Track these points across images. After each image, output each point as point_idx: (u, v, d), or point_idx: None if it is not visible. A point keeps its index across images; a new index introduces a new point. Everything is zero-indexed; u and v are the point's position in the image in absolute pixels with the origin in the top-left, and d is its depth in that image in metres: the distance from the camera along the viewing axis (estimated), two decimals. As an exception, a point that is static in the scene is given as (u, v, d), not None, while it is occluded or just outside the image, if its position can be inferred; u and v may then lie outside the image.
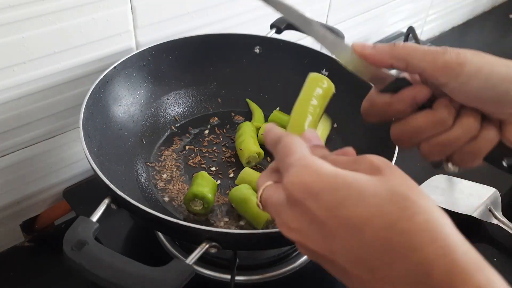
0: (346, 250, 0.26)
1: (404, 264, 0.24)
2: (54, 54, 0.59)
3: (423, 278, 0.24)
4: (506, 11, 1.44)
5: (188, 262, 0.41)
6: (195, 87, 0.75)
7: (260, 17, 0.82)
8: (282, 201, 0.30)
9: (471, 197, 0.71)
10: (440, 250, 0.24)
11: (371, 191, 0.26)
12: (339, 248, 0.27)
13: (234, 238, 0.46)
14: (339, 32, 0.74)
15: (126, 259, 0.39)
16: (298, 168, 0.29)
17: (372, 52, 0.38)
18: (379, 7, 1.07)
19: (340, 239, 0.26)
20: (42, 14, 0.55)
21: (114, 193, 0.46)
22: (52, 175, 0.70)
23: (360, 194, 0.26)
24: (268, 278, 0.60)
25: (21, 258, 0.69)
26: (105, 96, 0.62)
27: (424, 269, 0.24)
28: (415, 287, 0.24)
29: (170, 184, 0.64)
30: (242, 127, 0.71)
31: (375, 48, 0.38)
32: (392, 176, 0.27)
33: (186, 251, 0.61)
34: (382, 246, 0.25)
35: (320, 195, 0.27)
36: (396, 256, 0.25)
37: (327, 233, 0.27)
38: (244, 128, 0.70)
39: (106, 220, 0.46)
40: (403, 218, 0.25)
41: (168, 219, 0.45)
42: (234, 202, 0.60)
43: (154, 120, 0.71)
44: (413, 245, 0.24)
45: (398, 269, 0.25)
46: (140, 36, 0.68)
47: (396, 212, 0.25)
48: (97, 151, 0.56)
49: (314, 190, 0.27)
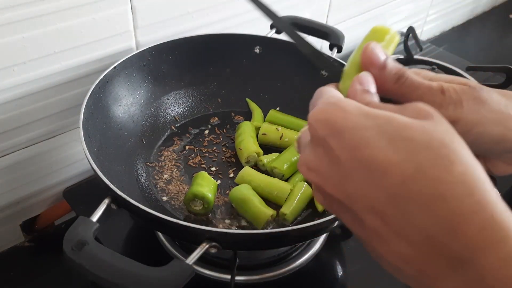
0: (362, 194, 0.24)
1: (428, 216, 0.22)
2: (54, 54, 0.59)
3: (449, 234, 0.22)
4: (506, 11, 1.44)
5: (188, 262, 0.40)
6: (195, 87, 0.75)
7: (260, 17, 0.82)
8: (307, 141, 0.28)
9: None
10: (475, 206, 0.22)
11: (406, 134, 0.24)
12: (354, 192, 0.25)
13: (234, 238, 0.46)
14: (339, 32, 0.74)
15: (126, 259, 0.39)
16: (323, 105, 0.27)
17: (376, 75, 0.33)
18: (379, 7, 1.07)
19: (358, 181, 0.24)
20: (42, 14, 0.55)
21: (114, 193, 0.46)
22: (52, 175, 0.70)
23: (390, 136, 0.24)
24: (268, 278, 0.60)
25: (21, 258, 0.69)
26: (105, 96, 0.62)
27: (452, 223, 0.22)
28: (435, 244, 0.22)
29: (170, 184, 0.64)
30: (242, 127, 0.71)
31: (382, 72, 0.32)
32: (439, 123, 0.25)
33: (186, 251, 0.61)
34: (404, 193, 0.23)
35: (343, 133, 0.25)
36: (419, 206, 0.22)
37: (345, 174, 0.25)
38: (243, 128, 0.70)
39: (106, 220, 0.46)
40: (437, 165, 0.23)
41: (168, 219, 0.45)
42: (234, 202, 0.60)
43: (154, 120, 0.71)
44: (444, 196, 0.22)
45: (418, 221, 0.22)
46: (140, 36, 0.68)
47: (431, 158, 0.23)
48: (97, 151, 0.56)
49: (336, 126, 0.25)
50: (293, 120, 0.73)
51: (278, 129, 0.71)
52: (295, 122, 0.72)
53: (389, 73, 0.32)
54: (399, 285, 0.61)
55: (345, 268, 0.63)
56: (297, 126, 0.72)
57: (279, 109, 0.75)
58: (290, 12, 0.81)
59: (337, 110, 0.26)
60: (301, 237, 0.53)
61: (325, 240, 0.65)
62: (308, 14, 0.90)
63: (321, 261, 0.63)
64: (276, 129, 0.71)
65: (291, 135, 0.70)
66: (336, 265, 0.64)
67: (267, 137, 0.71)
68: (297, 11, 0.86)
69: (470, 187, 0.22)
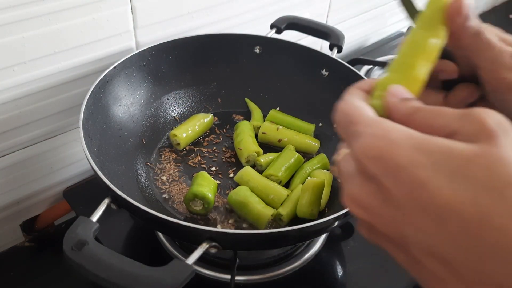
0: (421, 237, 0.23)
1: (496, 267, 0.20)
2: (54, 54, 0.59)
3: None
4: (506, 11, 1.44)
5: (188, 262, 0.40)
6: (195, 87, 0.75)
7: (260, 17, 0.82)
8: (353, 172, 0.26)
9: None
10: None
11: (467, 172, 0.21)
12: (412, 234, 0.23)
13: (234, 238, 0.46)
14: (339, 32, 0.74)
15: (126, 259, 0.39)
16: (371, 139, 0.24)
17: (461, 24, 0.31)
18: (379, 7, 1.07)
19: (416, 224, 0.22)
20: (42, 14, 0.55)
21: (114, 193, 0.46)
22: (52, 175, 0.70)
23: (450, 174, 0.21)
24: (268, 278, 0.60)
25: (21, 258, 0.69)
26: (105, 96, 0.62)
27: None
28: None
29: (170, 184, 0.64)
30: (240, 127, 0.71)
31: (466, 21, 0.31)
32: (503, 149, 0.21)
33: (186, 251, 0.61)
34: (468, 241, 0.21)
35: (398, 172, 0.23)
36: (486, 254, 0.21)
37: (401, 215, 0.23)
38: (241, 128, 0.70)
39: (106, 220, 0.46)
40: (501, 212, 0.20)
41: (168, 219, 0.44)
42: (233, 205, 0.60)
43: (154, 120, 0.71)
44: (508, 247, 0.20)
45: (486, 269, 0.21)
46: (140, 36, 0.68)
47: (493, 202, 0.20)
48: (97, 151, 0.56)
49: (391, 165, 0.23)
50: (293, 120, 0.73)
51: (278, 128, 0.71)
52: (295, 122, 0.72)
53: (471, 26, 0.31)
54: (399, 285, 0.61)
55: (345, 268, 0.63)
56: (297, 126, 0.72)
57: (279, 109, 0.75)
58: (290, 12, 0.81)
59: (388, 145, 0.23)
60: (301, 237, 0.53)
61: (325, 240, 0.65)
62: (308, 14, 0.90)
63: (321, 261, 0.63)
64: (276, 129, 0.71)
65: (291, 135, 0.70)
66: (336, 265, 0.64)
67: (267, 136, 0.71)
68: (297, 11, 0.86)
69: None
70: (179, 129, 0.69)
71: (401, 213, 0.23)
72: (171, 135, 0.69)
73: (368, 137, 0.24)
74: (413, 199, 0.22)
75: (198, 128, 0.70)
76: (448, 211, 0.21)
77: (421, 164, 0.22)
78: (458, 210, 0.21)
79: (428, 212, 0.22)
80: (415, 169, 0.22)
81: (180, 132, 0.68)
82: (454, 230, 0.21)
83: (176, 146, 0.69)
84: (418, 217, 0.22)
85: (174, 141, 0.68)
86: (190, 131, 0.69)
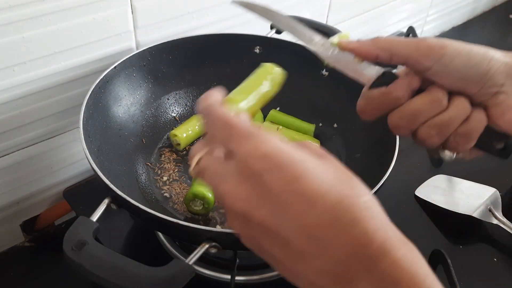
0: (295, 222, 0.28)
1: (346, 237, 0.27)
2: (54, 54, 0.59)
3: (361, 249, 0.27)
4: (506, 11, 1.44)
5: (188, 262, 0.41)
6: (195, 87, 0.75)
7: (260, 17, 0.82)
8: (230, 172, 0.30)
9: (471, 197, 0.71)
10: (377, 225, 0.28)
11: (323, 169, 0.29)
12: (288, 221, 0.28)
13: (234, 238, 0.46)
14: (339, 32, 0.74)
15: (126, 259, 0.39)
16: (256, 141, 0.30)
17: (357, 45, 0.43)
18: (379, 7, 1.07)
19: (292, 211, 0.28)
20: (42, 14, 0.55)
21: (114, 193, 0.46)
22: (52, 175, 0.70)
23: (314, 171, 0.29)
24: (268, 278, 0.60)
25: (21, 258, 0.69)
26: (105, 96, 0.62)
27: (363, 240, 0.27)
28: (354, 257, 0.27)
29: (170, 184, 0.64)
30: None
31: (359, 42, 0.43)
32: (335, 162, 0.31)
33: (186, 251, 0.61)
34: (330, 219, 0.27)
35: (281, 168, 0.28)
36: (340, 229, 0.27)
37: (279, 205, 0.28)
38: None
39: (106, 220, 0.46)
40: (350, 195, 0.28)
41: (168, 219, 0.45)
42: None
43: (154, 120, 0.71)
44: (356, 220, 0.27)
45: (339, 241, 0.27)
46: (140, 36, 0.68)
47: (345, 190, 0.28)
48: (97, 151, 0.56)
49: (276, 162, 0.28)
50: (293, 120, 0.73)
51: (278, 128, 0.71)
52: (295, 122, 0.72)
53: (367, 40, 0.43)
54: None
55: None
56: (297, 127, 0.72)
57: (279, 109, 0.75)
58: (290, 12, 0.81)
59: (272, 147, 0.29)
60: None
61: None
62: (308, 14, 0.90)
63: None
64: (276, 129, 0.71)
65: (291, 135, 0.70)
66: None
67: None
68: (297, 11, 0.86)
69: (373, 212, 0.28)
70: (179, 129, 0.69)
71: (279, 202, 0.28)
72: (171, 135, 0.69)
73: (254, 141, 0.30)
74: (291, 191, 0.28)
75: (198, 128, 0.70)
76: (316, 198, 0.28)
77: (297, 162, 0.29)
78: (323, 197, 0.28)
79: (303, 198, 0.28)
80: (293, 166, 0.28)
81: (180, 132, 0.68)
82: (320, 212, 0.28)
83: (176, 146, 0.69)
84: (295, 202, 0.28)
85: (174, 141, 0.69)
86: (190, 131, 0.69)
